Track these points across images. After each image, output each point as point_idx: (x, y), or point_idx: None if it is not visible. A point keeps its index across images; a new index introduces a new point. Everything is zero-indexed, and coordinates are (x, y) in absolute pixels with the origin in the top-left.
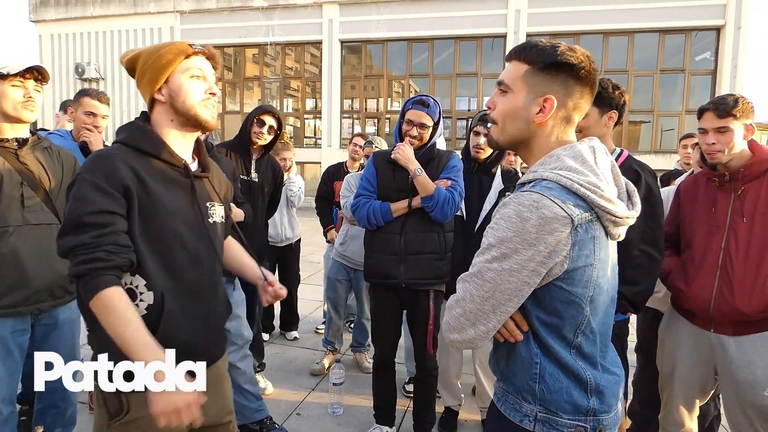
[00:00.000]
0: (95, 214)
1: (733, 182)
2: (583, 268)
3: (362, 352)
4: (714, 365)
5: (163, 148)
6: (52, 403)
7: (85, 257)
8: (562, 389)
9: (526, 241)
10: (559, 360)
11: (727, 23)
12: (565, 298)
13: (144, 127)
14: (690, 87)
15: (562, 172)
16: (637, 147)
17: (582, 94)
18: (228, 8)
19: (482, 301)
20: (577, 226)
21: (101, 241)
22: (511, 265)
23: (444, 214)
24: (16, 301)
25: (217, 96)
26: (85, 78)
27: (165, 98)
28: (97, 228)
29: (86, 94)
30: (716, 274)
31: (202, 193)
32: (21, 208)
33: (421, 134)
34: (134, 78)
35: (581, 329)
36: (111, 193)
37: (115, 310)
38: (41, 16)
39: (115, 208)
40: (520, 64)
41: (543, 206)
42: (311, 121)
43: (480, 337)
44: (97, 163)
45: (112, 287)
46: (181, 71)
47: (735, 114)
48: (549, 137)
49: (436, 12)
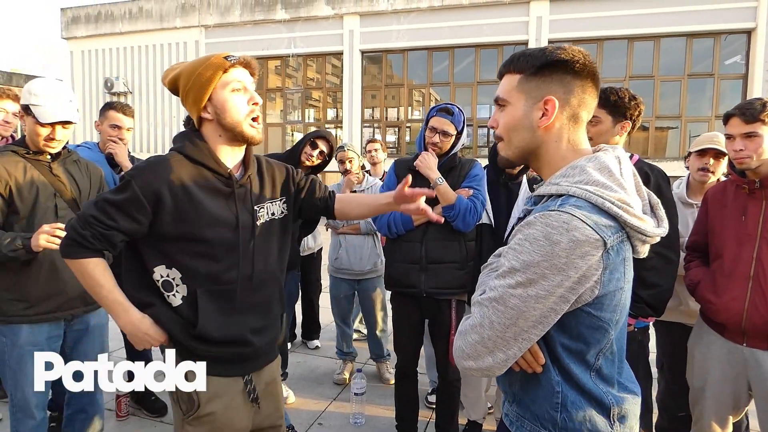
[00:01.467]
0: (113, 206)
1: (764, 189)
2: (613, 292)
3: (383, 362)
4: (747, 380)
5: (209, 157)
6: (81, 409)
7: (78, 229)
8: (585, 417)
9: (555, 266)
10: (581, 386)
11: (758, 26)
12: (592, 323)
13: (194, 137)
14: (720, 92)
15: (590, 188)
16: (665, 153)
17: (584, 89)
18: (251, 21)
19: (503, 328)
20: (609, 249)
21: (96, 225)
22: (537, 291)
23: (466, 223)
24: (53, 307)
25: (259, 104)
26: (114, 92)
27: (211, 116)
28: (104, 215)
29: (111, 108)
30: (748, 285)
31: (248, 198)
32: (55, 218)
33: (442, 141)
34: (179, 97)
35: (603, 352)
36: (138, 200)
37: (90, 275)
38: (72, 33)
39: (133, 212)
40: (512, 75)
41: (574, 228)
42: (333, 131)
43: (499, 366)
44: (145, 168)
45: (89, 259)
46: (221, 86)
47: (763, 119)
48: (559, 142)
49: (456, 21)
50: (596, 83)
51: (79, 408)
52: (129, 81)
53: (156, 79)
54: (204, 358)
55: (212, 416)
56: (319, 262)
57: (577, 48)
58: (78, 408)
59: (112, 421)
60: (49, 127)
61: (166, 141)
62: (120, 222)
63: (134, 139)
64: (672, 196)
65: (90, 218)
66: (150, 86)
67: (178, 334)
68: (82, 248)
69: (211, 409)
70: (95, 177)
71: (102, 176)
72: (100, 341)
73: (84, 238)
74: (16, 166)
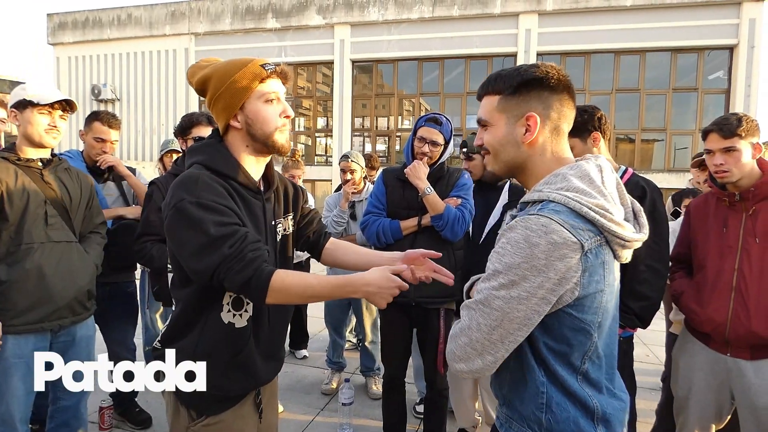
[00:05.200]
0: (218, 226)
1: (744, 202)
2: (594, 294)
3: (372, 376)
4: (731, 390)
5: (239, 169)
6: (64, 422)
7: (238, 266)
8: (569, 419)
9: (534, 268)
10: (566, 388)
11: (740, 43)
12: (574, 325)
13: (220, 149)
14: (703, 106)
15: (569, 194)
16: (650, 165)
17: (561, 102)
18: (242, 30)
19: (490, 330)
20: (587, 251)
21: (240, 246)
22: (519, 292)
23: (454, 233)
24: (40, 317)
25: (291, 117)
26: (101, 99)
27: (241, 125)
28: (228, 238)
29: (97, 119)
30: (731, 296)
31: (270, 212)
32: (45, 226)
33: (432, 151)
34: (204, 98)
35: (588, 355)
36: (221, 209)
37: (291, 285)
38: (59, 39)
39: (230, 220)
40: (491, 97)
41: (552, 231)
42: (323, 140)
43: (488, 368)
44: (193, 185)
45: (273, 273)
46: (256, 97)
47: (740, 134)
48: (543, 155)
49: (446, 32)
50: (572, 95)
51: (62, 421)
52: (117, 88)
53: (145, 87)
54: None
55: (221, 425)
56: (308, 270)
57: (550, 63)
58: (61, 421)
59: None
60: (49, 113)
61: (154, 149)
62: (235, 222)
63: (121, 146)
64: (665, 210)
65: (226, 252)
66: (138, 94)
67: (224, 354)
68: (260, 269)
69: (222, 417)
70: (86, 186)
71: (92, 185)
72: (86, 353)
73: (250, 260)
74: (8, 172)
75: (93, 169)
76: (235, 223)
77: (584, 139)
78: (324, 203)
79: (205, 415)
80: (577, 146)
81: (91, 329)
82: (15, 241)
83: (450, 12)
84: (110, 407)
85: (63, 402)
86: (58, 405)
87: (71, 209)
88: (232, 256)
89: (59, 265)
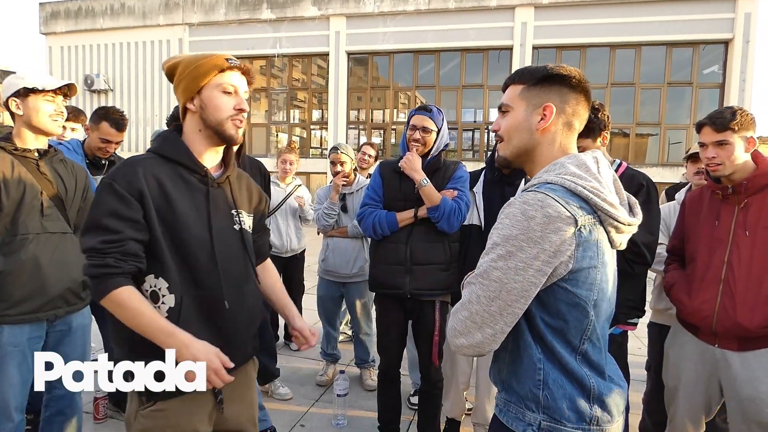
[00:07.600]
0: (108, 217)
1: (737, 195)
2: (588, 269)
3: (366, 369)
4: (719, 381)
5: (185, 154)
6: (59, 411)
7: (96, 262)
8: (566, 396)
9: (530, 239)
10: (564, 366)
11: (735, 37)
12: (569, 299)
13: (170, 135)
14: (698, 100)
15: (566, 177)
16: (644, 160)
17: (578, 101)
18: (236, 21)
19: (488, 301)
20: (580, 227)
21: (110, 248)
22: (516, 263)
23: (450, 224)
24: (35, 307)
25: (245, 112)
26: (94, 89)
27: (196, 108)
28: (108, 233)
29: (106, 119)
30: (719, 288)
31: (225, 200)
32: (40, 217)
33: (424, 137)
34: (172, 83)
35: (587, 335)
36: (126, 198)
37: (126, 305)
38: (51, 29)
39: (129, 212)
40: (516, 86)
41: (547, 205)
42: (317, 132)
43: (488, 341)
44: (120, 169)
45: (121, 287)
46: (214, 85)
47: (733, 127)
48: (552, 144)
49: (442, 24)
50: (588, 99)
51: (57, 410)
52: (110, 78)
53: (138, 77)
54: None
55: (168, 412)
56: (302, 263)
57: (576, 69)
58: (56, 410)
59: (89, 423)
60: (53, 100)
61: (148, 140)
62: (124, 230)
63: None
64: (658, 205)
65: (97, 245)
66: (132, 84)
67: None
68: (111, 278)
69: (170, 405)
70: (81, 177)
71: (87, 177)
72: (82, 342)
73: (108, 266)
74: (4, 162)
75: (92, 162)
76: (127, 219)
77: (595, 139)
78: (315, 195)
79: (153, 401)
80: (588, 147)
81: (87, 318)
82: (10, 231)
83: (446, 4)
84: (105, 397)
85: (58, 391)
86: (53, 394)
87: (67, 200)
88: (98, 250)
89: (54, 255)
